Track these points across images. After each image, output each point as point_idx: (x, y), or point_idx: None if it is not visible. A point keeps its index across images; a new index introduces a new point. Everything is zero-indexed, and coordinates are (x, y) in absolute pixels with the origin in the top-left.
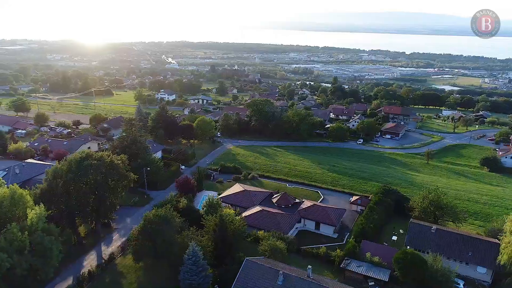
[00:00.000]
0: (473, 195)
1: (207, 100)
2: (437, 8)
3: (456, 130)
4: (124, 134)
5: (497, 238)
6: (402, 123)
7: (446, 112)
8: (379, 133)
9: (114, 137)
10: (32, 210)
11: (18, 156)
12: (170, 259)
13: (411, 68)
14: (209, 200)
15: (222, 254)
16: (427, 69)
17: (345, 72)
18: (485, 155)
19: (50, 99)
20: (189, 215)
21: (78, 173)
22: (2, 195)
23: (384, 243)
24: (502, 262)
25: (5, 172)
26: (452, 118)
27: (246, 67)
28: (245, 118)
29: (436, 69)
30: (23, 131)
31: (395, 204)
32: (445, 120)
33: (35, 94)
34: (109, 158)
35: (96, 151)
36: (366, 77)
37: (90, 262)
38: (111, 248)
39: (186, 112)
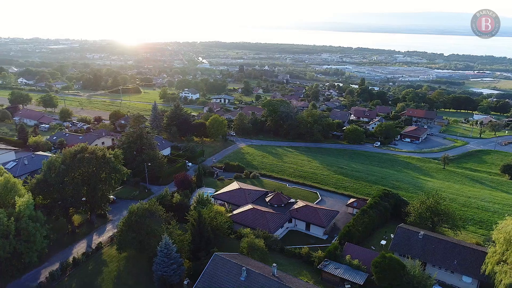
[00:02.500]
0: (484, 203)
1: (229, 100)
2: (480, 8)
3: (482, 135)
4: (131, 129)
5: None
6: (425, 126)
7: (477, 117)
8: (399, 136)
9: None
10: (21, 198)
11: (37, 148)
12: (149, 251)
13: (448, 71)
14: (199, 196)
15: (199, 248)
16: (465, 71)
17: (378, 74)
18: (507, 162)
19: (81, 95)
20: (181, 210)
21: (71, 165)
22: None
23: (372, 247)
24: (487, 272)
25: (15, 163)
26: (481, 123)
27: (276, 67)
28: (261, 118)
29: (475, 71)
30: (47, 125)
31: (393, 208)
32: (472, 125)
33: (67, 91)
34: (101, 152)
35: (109, 146)
36: (400, 79)
37: (79, 250)
38: (101, 238)
39: (205, 110)
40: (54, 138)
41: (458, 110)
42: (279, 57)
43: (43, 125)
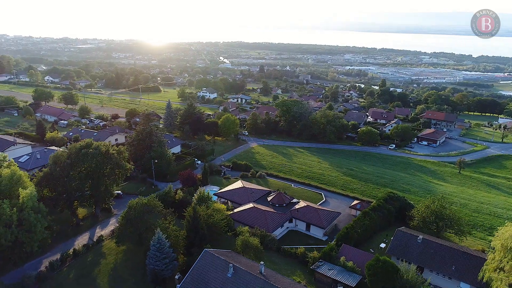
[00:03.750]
0: (497, 209)
1: (245, 99)
2: None
3: (505, 140)
4: (141, 127)
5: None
6: (444, 129)
7: (502, 120)
8: (415, 139)
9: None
10: (24, 190)
11: (53, 143)
12: (146, 245)
13: (476, 72)
14: (200, 193)
15: (193, 244)
16: (495, 73)
17: (402, 75)
18: None
19: (102, 93)
20: (183, 207)
21: (75, 160)
22: (4, 175)
23: (371, 249)
24: (484, 280)
25: (28, 157)
26: (504, 127)
27: (298, 68)
28: (275, 118)
29: (506, 73)
30: (65, 122)
31: (398, 212)
32: (495, 129)
33: (90, 89)
34: (105, 147)
35: (122, 143)
36: (425, 80)
37: (81, 242)
38: (104, 231)
39: (220, 109)
40: (70, 134)
41: (482, 114)
42: (301, 58)
43: (62, 121)
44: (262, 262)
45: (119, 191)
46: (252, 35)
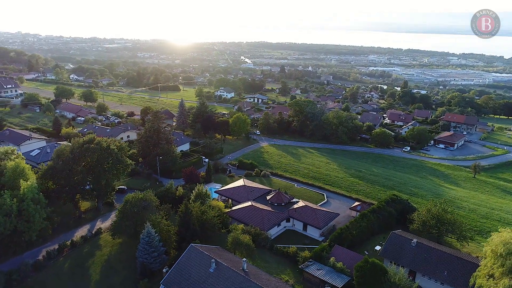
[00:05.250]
0: (508, 215)
1: (262, 99)
2: None
3: None
4: (149, 124)
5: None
6: (464, 133)
7: None
8: (432, 142)
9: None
10: (26, 182)
11: (68, 139)
12: (140, 238)
13: (507, 74)
14: (198, 190)
15: (184, 240)
16: None
17: (427, 77)
18: None
19: (123, 92)
20: (182, 203)
21: (77, 154)
22: (8, 167)
23: (365, 252)
24: (476, 286)
25: (39, 151)
26: None
27: (320, 68)
28: (288, 118)
29: None
30: (82, 118)
31: (400, 215)
32: None
33: (112, 87)
34: (106, 143)
35: (133, 139)
36: (451, 82)
37: (81, 233)
38: (104, 224)
39: (235, 109)
40: (84, 130)
41: (509, 117)
42: (324, 58)
43: (79, 118)
44: (244, 259)
45: (124, 186)
46: (276, 36)
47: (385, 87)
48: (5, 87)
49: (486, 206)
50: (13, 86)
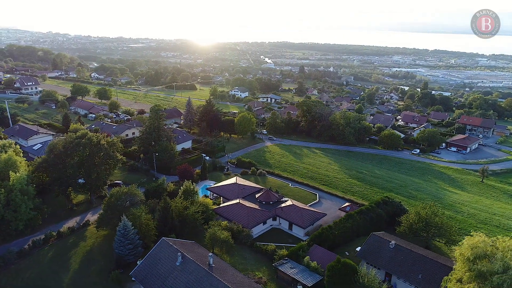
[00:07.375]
0: (509, 221)
1: (275, 99)
2: None
3: None
4: (150, 121)
5: None
6: (480, 136)
7: None
8: (444, 145)
9: (165, 125)
10: (15, 174)
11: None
12: None
13: None
14: (185, 186)
15: (163, 234)
16: None
17: (453, 78)
18: None
19: (140, 90)
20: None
21: (69, 149)
22: (1, 159)
23: (346, 252)
24: None
25: (41, 145)
26: None
27: (342, 69)
28: (296, 118)
29: None
30: (94, 115)
31: (391, 217)
32: None
33: (130, 86)
34: (97, 138)
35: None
36: (479, 84)
37: (70, 225)
38: (94, 217)
39: (245, 108)
40: (92, 126)
41: None
42: (346, 59)
43: (91, 114)
44: (210, 253)
45: (119, 181)
46: (298, 36)
47: (406, 88)
48: (25, 84)
49: (487, 211)
50: (33, 83)
